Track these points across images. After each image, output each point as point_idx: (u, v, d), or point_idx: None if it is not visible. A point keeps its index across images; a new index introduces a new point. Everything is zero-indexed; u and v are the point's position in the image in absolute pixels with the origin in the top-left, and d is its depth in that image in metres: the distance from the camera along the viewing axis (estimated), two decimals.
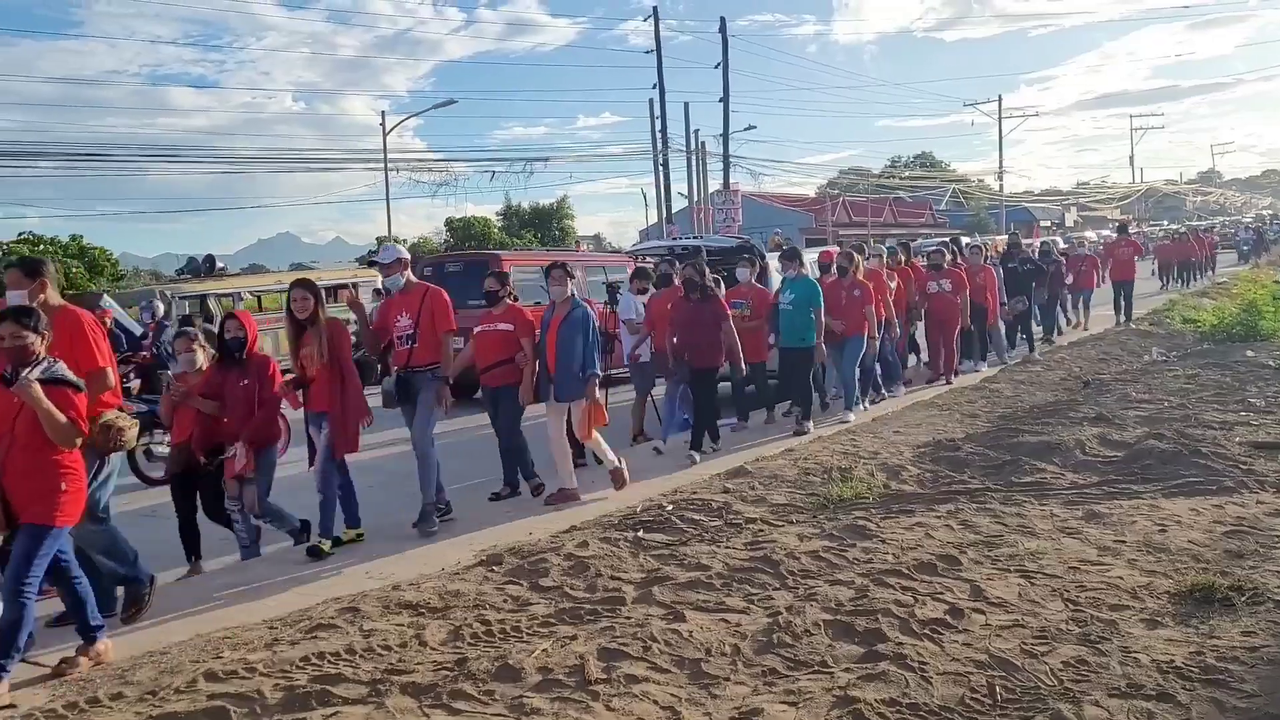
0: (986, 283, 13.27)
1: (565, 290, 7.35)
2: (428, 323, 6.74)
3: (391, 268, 6.92)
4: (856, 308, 10.03)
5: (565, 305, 7.33)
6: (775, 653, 4.09)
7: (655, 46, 33.16)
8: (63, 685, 4.27)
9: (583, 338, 7.19)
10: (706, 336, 8.57)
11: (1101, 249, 21.86)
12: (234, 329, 6.36)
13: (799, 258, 9.91)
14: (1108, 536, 5.47)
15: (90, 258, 32.00)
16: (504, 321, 7.54)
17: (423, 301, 6.77)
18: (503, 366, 7.50)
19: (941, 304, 12.39)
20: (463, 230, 47.66)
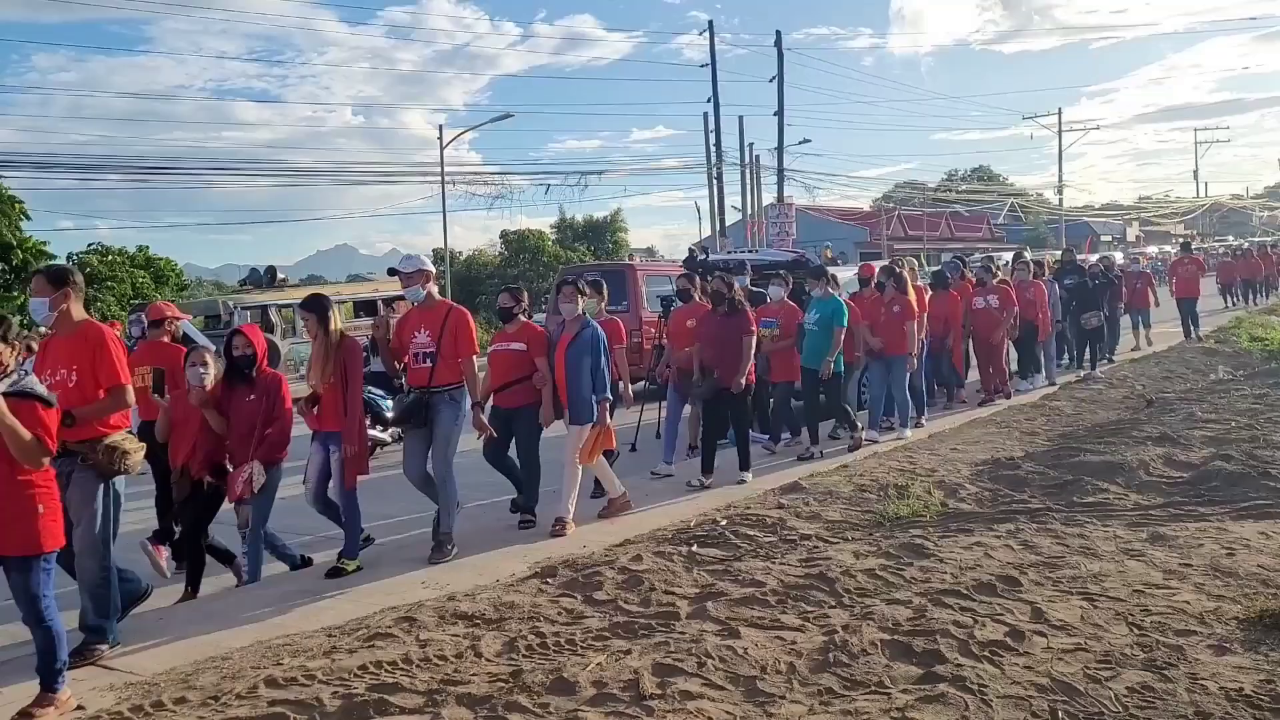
0: (1037, 298, 12.87)
1: (576, 308, 7.09)
2: (449, 343, 6.39)
3: (413, 278, 6.55)
4: (897, 325, 9.76)
5: (575, 324, 7.05)
6: (831, 672, 4.05)
7: (710, 60, 33.18)
8: (128, 688, 4.35)
9: (591, 359, 6.90)
10: (734, 352, 8.22)
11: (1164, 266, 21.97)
12: (241, 345, 6.07)
13: (825, 276, 9.56)
14: (1173, 559, 5.35)
15: (156, 268, 32.69)
16: (517, 340, 7.20)
17: (446, 319, 6.42)
18: (518, 386, 7.17)
19: (987, 320, 12.01)
20: (517, 243, 47.95)
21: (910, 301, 9.84)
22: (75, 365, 4.74)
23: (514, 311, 7.29)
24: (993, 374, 12.14)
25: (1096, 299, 14.30)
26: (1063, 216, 56.59)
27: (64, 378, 4.74)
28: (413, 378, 6.50)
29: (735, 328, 8.18)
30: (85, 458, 4.76)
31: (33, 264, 27.57)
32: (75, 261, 31.30)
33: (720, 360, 8.19)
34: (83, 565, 4.83)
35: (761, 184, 34.74)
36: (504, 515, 7.35)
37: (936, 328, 11.21)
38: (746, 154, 34.31)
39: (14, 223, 27.78)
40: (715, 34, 33.37)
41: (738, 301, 8.35)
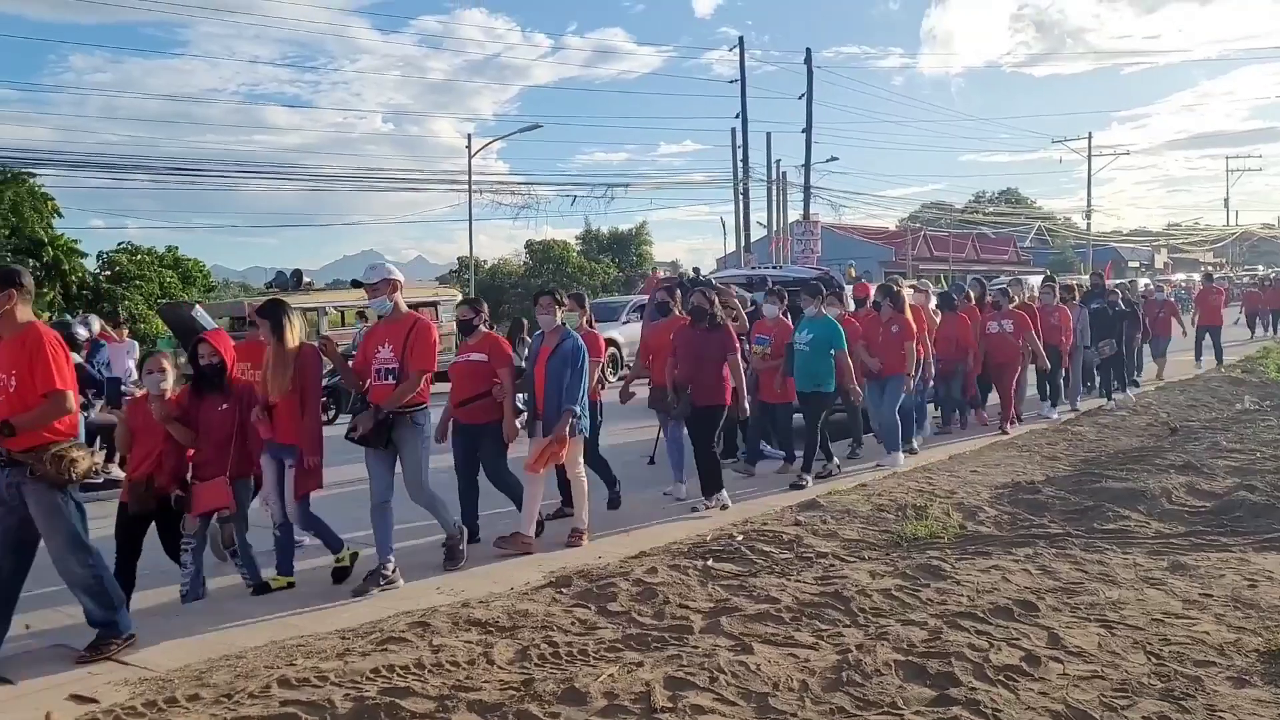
0: (1061, 323, 12.56)
1: (554, 319, 6.81)
2: (409, 360, 5.92)
3: (378, 289, 6.06)
4: (895, 345, 9.46)
5: (555, 336, 6.76)
6: (844, 691, 4.03)
7: (740, 76, 33.24)
8: (142, 684, 4.37)
9: (571, 371, 6.60)
10: (712, 371, 7.69)
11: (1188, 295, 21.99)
12: (207, 354, 5.83)
13: (821, 294, 9.04)
14: (1194, 589, 5.30)
15: (184, 269, 33.02)
16: (478, 352, 6.86)
17: (409, 334, 5.93)
18: (479, 401, 6.81)
19: (1000, 346, 11.56)
20: (542, 253, 48.17)
21: (909, 321, 9.56)
22: (15, 370, 4.55)
23: (474, 323, 6.98)
24: (1005, 402, 11.64)
25: (1114, 326, 13.82)
26: (1090, 241, 56.28)
27: (4, 383, 4.56)
28: (375, 395, 5.97)
29: (717, 345, 7.71)
30: (33, 469, 4.58)
31: (64, 261, 27.97)
32: (105, 260, 31.65)
33: (695, 378, 7.70)
34: (67, 570, 4.74)
35: (787, 200, 34.80)
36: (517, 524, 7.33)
37: (946, 350, 11.01)
38: (774, 170, 34.36)
39: (46, 220, 28.13)
40: (745, 50, 33.47)
41: (719, 317, 7.87)
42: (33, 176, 27.35)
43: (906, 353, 9.41)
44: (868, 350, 9.50)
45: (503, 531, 6.76)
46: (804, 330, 8.77)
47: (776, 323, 9.22)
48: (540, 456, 6.58)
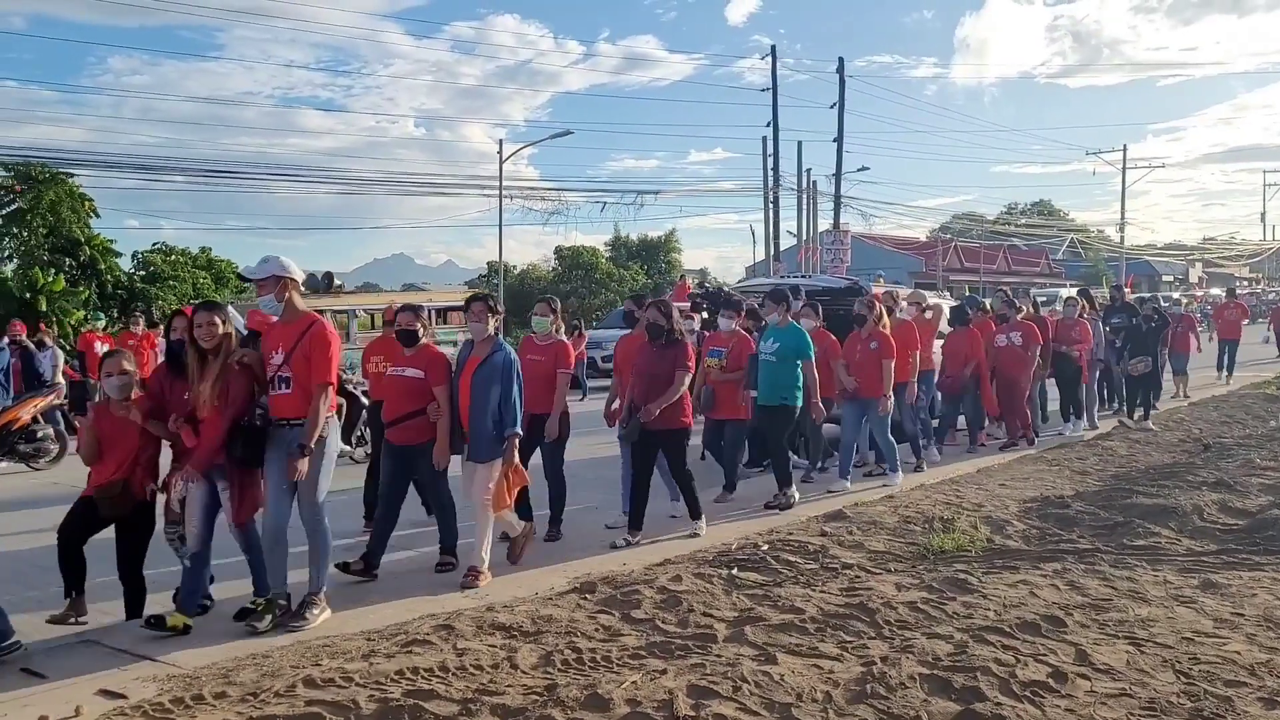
0: (1082, 337, 12.18)
1: (486, 328, 6.22)
2: (301, 365, 5.21)
3: (266, 285, 5.30)
4: (874, 363, 8.85)
5: (485, 346, 6.19)
6: (868, 703, 4.01)
7: (771, 84, 33.26)
8: (170, 680, 4.42)
9: (501, 386, 6.03)
10: (663, 390, 7.03)
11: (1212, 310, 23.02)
12: (181, 329, 5.36)
13: (786, 301, 8.49)
14: (1225, 608, 5.23)
15: (217, 269, 33.40)
16: (414, 366, 6.30)
17: (301, 338, 5.24)
18: (412, 420, 6.27)
19: (1010, 359, 11.18)
20: (571, 259, 48.27)
21: (889, 338, 8.97)
22: None
23: (417, 333, 6.39)
24: (1014, 417, 11.35)
25: (1149, 343, 13.29)
26: (1123, 254, 55.77)
27: None
28: (273, 406, 5.31)
29: (670, 361, 7.07)
30: None
31: (100, 261, 28.34)
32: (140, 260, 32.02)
33: (648, 399, 7.05)
34: None
35: (818, 210, 34.74)
36: (542, 529, 7.36)
37: (956, 366, 10.66)
38: (804, 179, 34.32)
39: (83, 219, 28.51)
40: (777, 59, 33.46)
41: (676, 333, 7.18)
42: (71, 177, 27.74)
43: (885, 372, 8.80)
44: (846, 368, 9.01)
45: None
46: (770, 339, 8.25)
47: (732, 335, 8.73)
48: (499, 495, 6.11)
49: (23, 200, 26.86)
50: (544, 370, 7.04)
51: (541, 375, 6.99)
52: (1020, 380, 11.21)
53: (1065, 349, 11.95)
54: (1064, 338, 12.01)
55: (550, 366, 7.07)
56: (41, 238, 26.85)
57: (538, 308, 7.38)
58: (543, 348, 7.18)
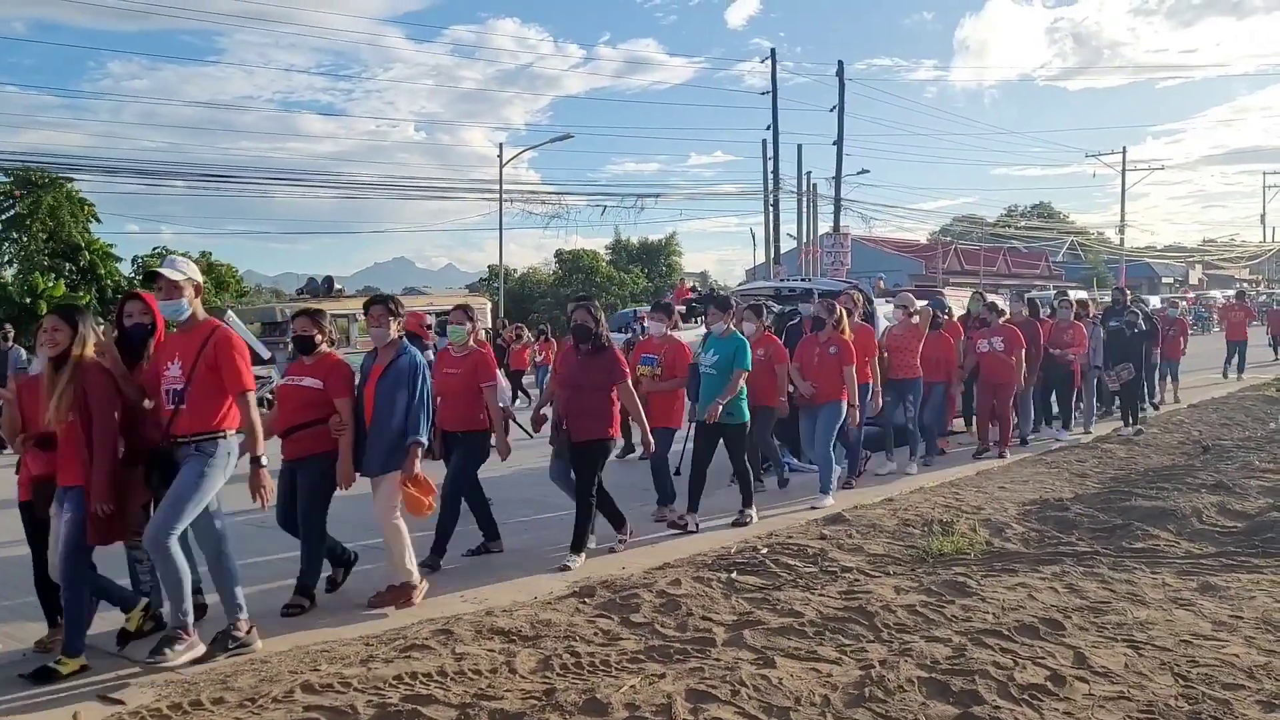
0: (1075, 341, 11.86)
1: (387, 332, 5.78)
2: (203, 377, 4.73)
3: (169, 290, 4.82)
4: (833, 369, 8.46)
5: (389, 351, 5.76)
6: (866, 707, 4.01)
7: (771, 88, 33.30)
8: (168, 686, 4.42)
9: (407, 393, 5.60)
10: (593, 401, 6.61)
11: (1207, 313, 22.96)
12: (137, 313, 5.00)
13: (730, 309, 7.95)
14: (1224, 611, 5.23)
15: (217, 274, 33.41)
16: (312, 375, 5.73)
17: (204, 346, 4.75)
18: (305, 430, 5.68)
19: (992, 364, 10.78)
20: (571, 262, 48.31)
21: (848, 342, 8.55)
22: None
23: (314, 340, 5.83)
24: (996, 425, 10.91)
25: (1133, 349, 12.63)
26: (1123, 256, 55.79)
27: None
28: (165, 423, 4.82)
29: (600, 371, 6.63)
30: None
31: (100, 265, 28.37)
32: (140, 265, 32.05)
33: (574, 409, 6.65)
34: None
35: (818, 213, 34.75)
36: (543, 533, 7.36)
37: (931, 371, 10.19)
38: (804, 182, 34.34)
39: (83, 225, 28.55)
40: (777, 62, 33.50)
41: (604, 339, 6.74)
42: (71, 182, 27.79)
43: (845, 378, 8.42)
44: (801, 373, 8.64)
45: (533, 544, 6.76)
46: (710, 350, 7.71)
47: (667, 340, 8.30)
48: (413, 503, 5.61)
49: (22, 205, 26.89)
50: (461, 385, 6.60)
51: (458, 390, 6.58)
52: (1004, 387, 10.82)
53: (1058, 352, 11.71)
54: (1057, 341, 11.78)
55: (469, 380, 6.61)
56: (41, 243, 26.89)
57: (453, 314, 6.91)
58: (459, 360, 6.72)
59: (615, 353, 6.76)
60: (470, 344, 6.80)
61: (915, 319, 10.04)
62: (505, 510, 7.06)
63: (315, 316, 5.90)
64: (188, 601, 4.73)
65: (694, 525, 7.51)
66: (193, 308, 4.88)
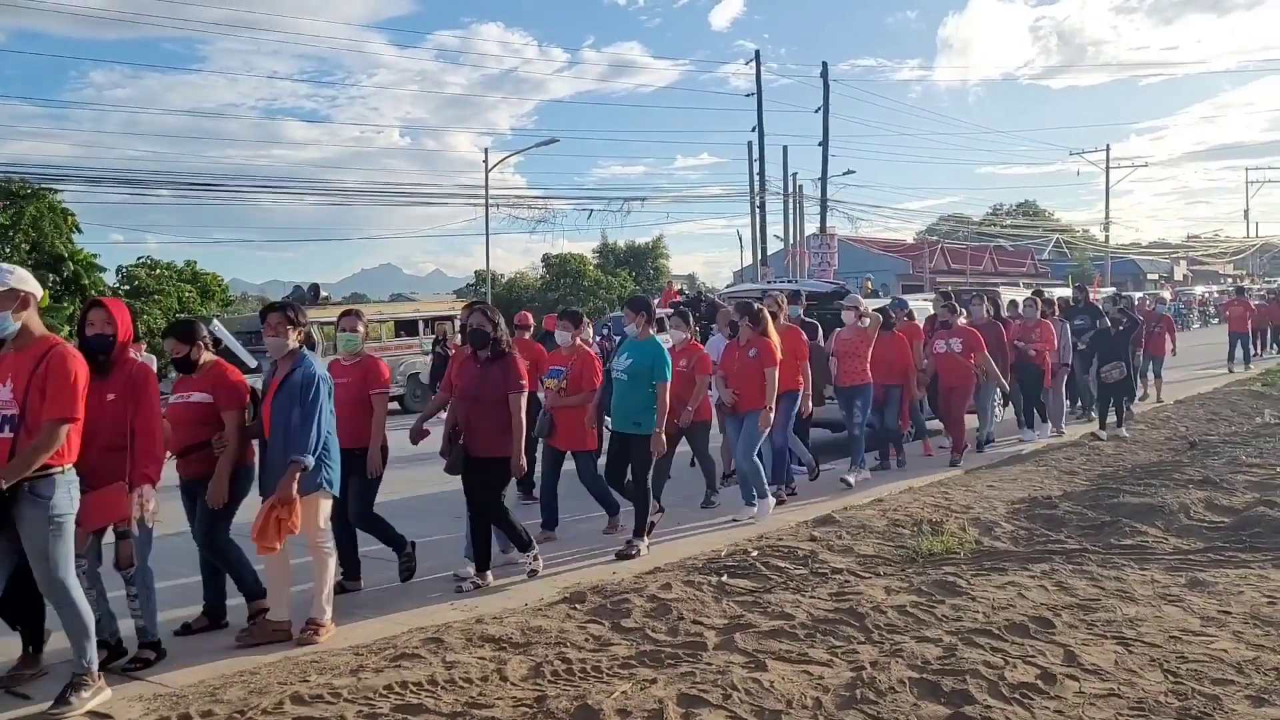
0: (1044, 338, 11.48)
1: (285, 342, 5.31)
2: (36, 402, 4.20)
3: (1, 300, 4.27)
4: (754, 374, 7.90)
5: (287, 364, 5.30)
6: (858, 709, 4.01)
7: (756, 89, 33.32)
8: (157, 700, 4.39)
9: (300, 409, 5.14)
10: (489, 414, 6.07)
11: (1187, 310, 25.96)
12: (100, 322, 4.68)
13: (646, 310, 7.24)
14: (1212, 606, 5.25)
15: (203, 283, 33.23)
16: (199, 389, 5.35)
17: (38, 366, 4.24)
18: (199, 452, 5.32)
19: (948, 367, 10.35)
20: (559, 266, 48.30)
21: (771, 345, 7.95)
22: None
23: (191, 356, 5.42)
24: (956, 429, 10.41)
25: (1120, 348, 11.79)
26: (1109, 253, 56.05)
27: None
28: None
29: (496, 381, 6.09)
30: None
31: (84, 276, 28.22)
32: (125, 274, 31.90)
33: (472, 423, 6.13)
34: None
35: (804, 214, 34.78)
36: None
37: (881, 374, 9.71)
38: (790, 183, 34.37)
39: (66, 235, 28.39)
40: (762, 64, 33.54)
41: (503, 344, 6.21)
42: (54, 192, 27.62)
43: (767, 382, 7.83)
44: (725, 381, 8.10)
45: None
46: (623, 354, 7.08)
47: (574, 350, 7.60)
48: (265, 528, 5.02)
49: (4, 216, 26.72)
50: (352, 395, 6.07)
51: (349, 401, 6.00)
52: (961, 390, 10.40)
53: (1023, 345, 11.37)
54: (1025, 340, 11.43)
55: (359, 390, 6.14)
56: (24, 254, 26.70)
57: (343, 321, 6.42)
58: (348, 368, 6.25)
59: (514, 360, 6.18)
60: (364, 350, 6.38)
61: (866, 321, 9.46)
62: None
63: (187, 328, 5.54)
64: (93, 646, 4.39)
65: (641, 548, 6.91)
66: (23, 322, 4.32)
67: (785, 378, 8.22)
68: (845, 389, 9.43)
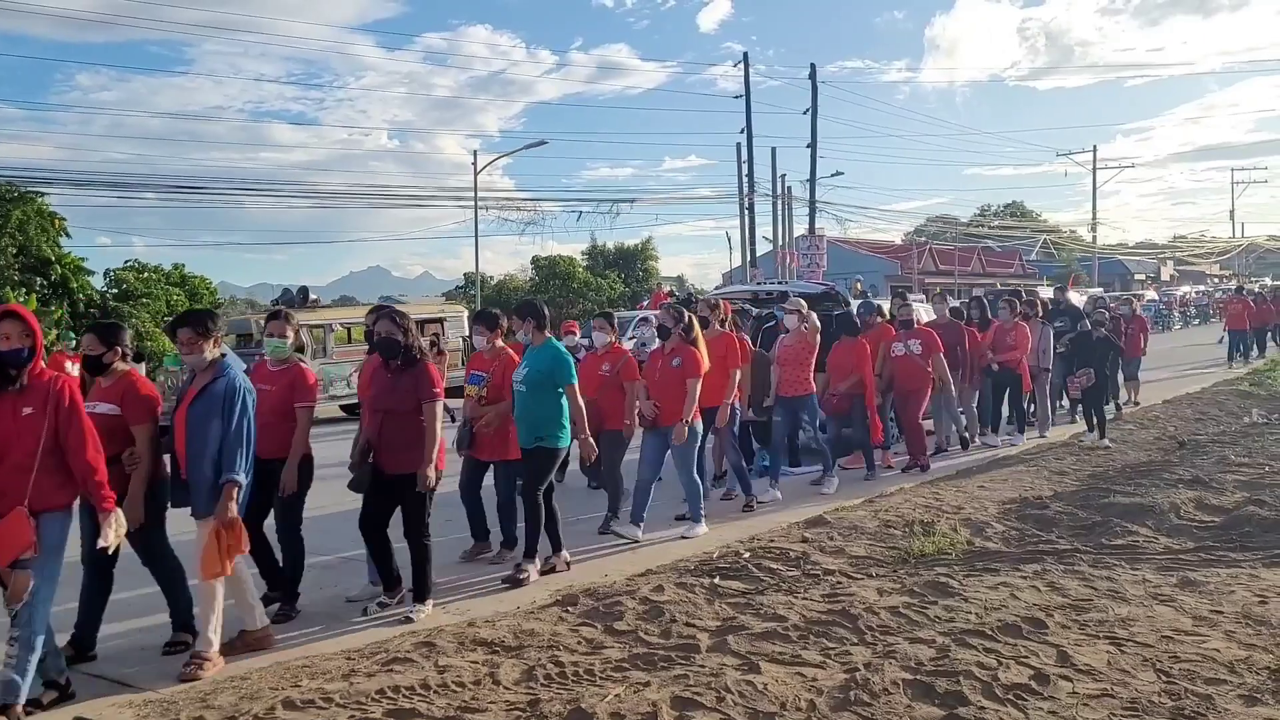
0: (1018, 342, 11.15)
1: (203, 358, 4.99)
2: None
3: None
4: (678, 385, 7.34)
5: (207, 374, 4.96)
6: (852, 710, 4.00)
7: (744, 91, 33.36)
8: (147, 706, 4.36)
9: (222, 422, 4.82)
10: (400, 427, 5.63)
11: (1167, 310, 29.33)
12: (16, 335, 4.19)
13: (535, 316, 6.66)
14: (1204, 606, 5.26)
15: (190, 286, 33.10)
16: (107, 399, 5.00)
17: None
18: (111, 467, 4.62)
19: (906, 369, 9.97)
20: (548, 269, 48.26)
21: (695, 354, 7.43)
22: None
23: (104, 360, 5.10)
24: (912, 434, 10.02)
25: (1095, 354, 11.24)
26: (1096, 254, 56.27)
27: None
28: None
29: (407, 391, 5.64)
30: None
31: (71, 279, 28.07)
32: (112, 278, 31.76)
33: (385, 438, 5.67)
34: None
35: (793, 215, 34.82)
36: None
37: (840, 382, 9.39)
38: (779, 185, 34.42)
39: (53, 238, 28.24)
40: (750, 66, 33.59)
41: (416, 351, 5.75)
42: (40, 196, 27.48)
43: (688, 393, 7.26)
44: (646, 391, 7.56)
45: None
46: (524, 363, 6.63)
47: (495, 354, 6.96)
48: (210, 557, 4.77)
49: None
50: (275, 404, 5.66)
51: (272, 410, 5.60)
52: (916, 395, 9.96)
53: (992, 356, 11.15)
54: (999, 344, 11.20)
55: (283, 399, 5.71)
56: (11, 258, 26.57)
57: (270, 325, 6.00)
58: (274, 374, 5.83)
59: (427, 368, 5.72)
60: (294, 356, 5.95)
61: (805, 327, 8.93)
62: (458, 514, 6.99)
63: (106, 332, 5.20)
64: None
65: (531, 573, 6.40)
66: None
67: (715, 387, 7.80)
68: (788, 400, 8.81)
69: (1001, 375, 11.27)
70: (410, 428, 5.61)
